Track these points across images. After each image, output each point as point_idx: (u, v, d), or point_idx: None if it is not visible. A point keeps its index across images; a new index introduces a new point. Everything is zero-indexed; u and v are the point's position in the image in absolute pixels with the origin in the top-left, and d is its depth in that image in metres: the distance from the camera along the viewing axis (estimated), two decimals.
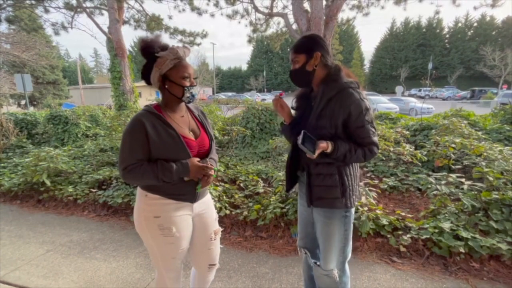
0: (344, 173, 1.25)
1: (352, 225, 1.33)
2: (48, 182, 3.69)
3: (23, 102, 23.35)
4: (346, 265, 1.37)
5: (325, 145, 1.15)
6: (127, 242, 2.64)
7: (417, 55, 45.47)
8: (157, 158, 1.21)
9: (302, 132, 1.13)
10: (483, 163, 2.84)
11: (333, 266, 1.33)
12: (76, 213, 3.34)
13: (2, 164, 5.01)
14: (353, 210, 1.31)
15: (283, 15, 7.60)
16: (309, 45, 1.26)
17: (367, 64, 53.22)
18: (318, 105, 1.22)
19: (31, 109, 14.78)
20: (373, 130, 1.21)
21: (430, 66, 35.20)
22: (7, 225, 3.08)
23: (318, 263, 1.43)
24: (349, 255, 1.37)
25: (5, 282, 2.11)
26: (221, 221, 2.73)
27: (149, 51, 1.21)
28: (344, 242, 1.31)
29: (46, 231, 2.93)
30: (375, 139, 1.21)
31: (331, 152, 1.17)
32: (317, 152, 1.13)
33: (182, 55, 1.22)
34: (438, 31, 45.21)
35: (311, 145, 1.13)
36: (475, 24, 42.43)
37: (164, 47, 1.22)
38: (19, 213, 3.42)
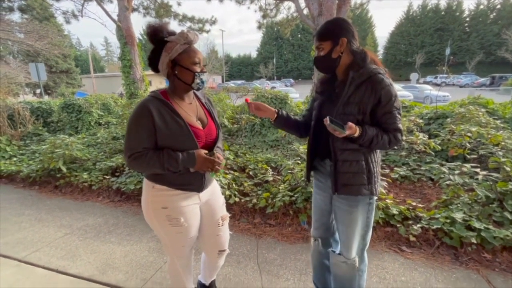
0: (370, 159, 1.24)
1: (374, 212, 1.32)
2: (64, 169, 3.82)
3: (38, 91, 23.97)
4: (365, 253, 1.37)
5: (353, 127, 1.12)
6: (140, 227, 2.73)
7: (434, 40, 43.48)
8: (163, 147, 1.18)
9: (328, 117, 1.10)
10: (500, 153, 2.74)
11: (355, 253, 1.32)
12: (91, 199, 3.46)
13: (21, 151, 5.21)
14: (375, 197, 1.30)
15: (294, 0, 7.36)
16: (334, 31, 1.21)
17: (380, 50, 51.40)
18: (346, 91, 1.19)
19: (46, 97, 15.14)
20: (399, 117, 1.19)
21: (447, 51, 33.67)
22: (27, 209, 3.23)
23: (335, 251, 1.43)
24: (368, 242, 1.36)
25: (28, 263, 2.23)
26: (230, 208, 2.77)
27: (158, 36, 1.17)
28: (365, 229, 1.31)
29: (63, 215, 3.06)
30: (400, 126, 1.19)
31: (358, 136, 1.14)
32: (348, 132, 1.10)
33: (192, 39, 1.18)
34: (458, 14, 42.87)
35: (340, 125, 1.11)
36: (498, 6, 39.95)
37: (172, 33, 1.19)
38: (38, 198, 3.58)
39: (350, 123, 1.12)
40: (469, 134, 3.17)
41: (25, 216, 3.07)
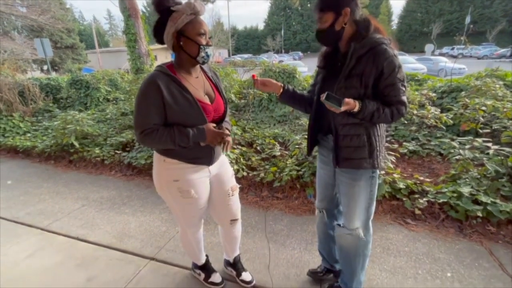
0: (372, 133, 1.22)
1: (377, 185, 1.33)
2: (76, 144, 3.93)
3: (45, 67, 23.96)
4: (370, 223, 1.40)
5: (352, 103, 1.10)
6: (152, 199, 2.85)
7: (453, 7, 40.54)
8: (173, 123, 1.19)
9: (326, 93, 1.08)
10: None
11: (358, 225, 1.35)
12: (105, 173, 3.59)
13: (34, 127, 5.34)
14: (378, 171, 1.30)
15: None
16: (336, 0, 1.14)
17: (395, 20, 48.59)
18: (347, 64, 1.15)
19: (53, 74, 15.18)
20: (403, 89, 1.15)
21: (467, 19, 31.45)
22: (45, 182, 3.39)
23: (339, 223, 1.47)
24: (373, 213, 1.39)
25: (50, 231, 2.39)
26: (238, 182, 2.82)
27: (164, 5, 1.14)
28: (369, 201, 1.33)
29: (79, 188, 3.20)
30: (404, 98, 1.16)
31: (358, 111, 1.13)
32: (344, 107, 1.08)
33: (199, 9, 1.15)
34: None
35: (337, 101, 1.09)
36: None
37: (179, 3, 1.15)
38: (54, 172, 3.73)
39: (347, 99, 1.09)
40: (483, 108, 3.07)
41: (44, 188, 3.23)
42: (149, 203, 2.79)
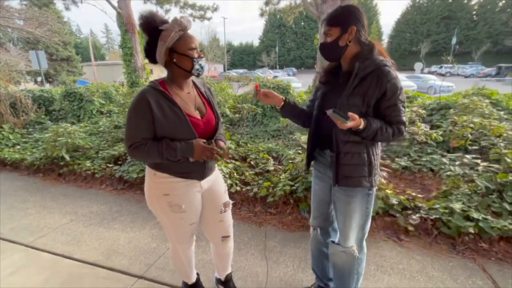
0: (372, 151, 1.24)
1: (373, 203, 1.33)
2: (67, 157, 3.86)
3: (39, 79, 23.85)
4: (364, 242, 1.39)
5: (357, 118, 1.10)
6: (143, 214, 2.78)
7: (440, 28, 42.50)
8: (162, 136, 1.19)
9: (332, 109, 1.09)
10: (502, 144, 2.74)
11: (353, 243, 1.34)
12: (95, 187, 3.51)
13: (24, 139, 5.24)
14: (375, 188, 1.31)
15: None
16: (345, 17, 1.19)
17: (385, 39, 50.42)
18: (351, 82, 1.17)
19: (47, 86, 15.09)
20: (404, 109, 1.18)
21: (454, 40, 32.88)
22: (32, 196, 3.29)
23: (334, 241, 1.45)
24: (367, 231, 1.38)
25: (34, 248, 2.29)
26: (231, 197, 2.79)
27: (151, 26, 1.17)
28: (364, 219, 1.32)
29: (68, 202, 3.11)
30: (404, 118, 1.19)
31: (363, 128, 1.13)
32: (351, 123, 1.08)
33: (186, 25, 1.18)
34: (465, 1, 41.67)
35: (342, 116, 1.09)
36: None
37: (165, 21, 1.18)
38: (42, 185, 3.63)
39: (353, 114, 1.10)
40: (471, 125, 3.15)
41: (30, 202, 3.13)
42: (139, 219, 2.72)
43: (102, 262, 2.09)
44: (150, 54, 1.23)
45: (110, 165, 3.69)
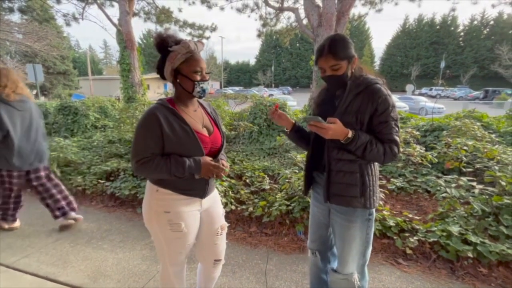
0: (366, 172, 1.22)
1: (373, 228, 1.30)
2: (58, 172, 3.76)
3: (34, 92, 23.77)
4: (365, 269, 1.35)
5: (339, 123, 1.13)
6: (134, 234, 2.68)
7: (429, 53, 44.44)
8: (170, 153, 1.21)
9: (302, 117, 1.11)
10: (496, 167, 2.77)
11: (353, 269, 1.30)
12: (85, 203, 3.39)
13: None
14: (374, 212, 1.28)
15: (294, 10, 7.47)
16: (349, 50, 1.21)
17: (377, 62, 52.30)
18: (344, 101, 1.20)
19: (42, 99, 15.03)
20: (396, 128, 1.18)
21: (442, 64, 34.27)
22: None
23: (334, 268, 1.40)
24: (369, 258, 1.34)
25: (16, 269, 2.16)
26: (226, 216, 2.72)
27: (163, 45, 1.21)
28: (365, 245, 1.28)
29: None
30: (396, 137, 1.17)
31: (351, 139, 1.13)
32: (331, 127, 1.11)
33: (193, 48, 1.21)
34: (452, 28, 43.96)
35: (313, 119, 1.12)
36: (492, 22, 41.07)
37: (178, 42, 1.21)
38: (29, 202, 3.49)
39: (333, 118, 1.12)
40: (465, 148, 3.20)
41: None
42: (130, 238, 2.61)
43: (88, 285, 1.98)
44: (161, 71, 1.27)
45: (102, 181, 3.59)
